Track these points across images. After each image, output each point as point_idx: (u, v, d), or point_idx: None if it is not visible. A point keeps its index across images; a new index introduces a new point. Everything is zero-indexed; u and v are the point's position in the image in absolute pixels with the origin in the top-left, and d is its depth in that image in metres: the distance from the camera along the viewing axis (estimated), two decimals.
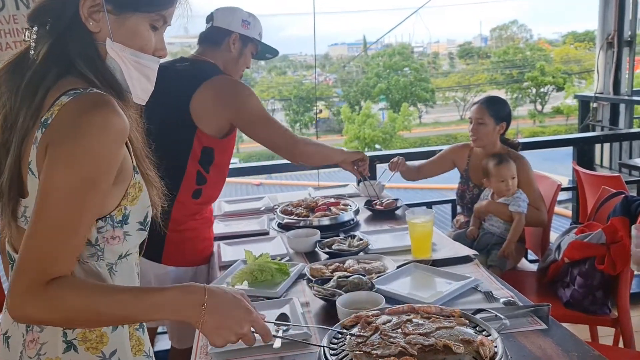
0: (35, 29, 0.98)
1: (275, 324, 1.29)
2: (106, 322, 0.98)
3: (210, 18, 2.12)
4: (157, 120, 2.02)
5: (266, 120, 2.04)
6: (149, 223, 1.09)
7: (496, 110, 2.58)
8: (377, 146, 28.03)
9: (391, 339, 1.12)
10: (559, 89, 33.72)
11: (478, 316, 1.28)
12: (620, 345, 2.13)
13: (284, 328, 1.37)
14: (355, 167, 2.37)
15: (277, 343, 1.29)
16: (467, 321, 1.22)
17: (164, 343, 2.65)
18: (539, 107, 35.37)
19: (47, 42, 0.96)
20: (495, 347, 1.11)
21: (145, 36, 1.01)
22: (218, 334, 0.98)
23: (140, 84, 1.03)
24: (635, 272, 2.72)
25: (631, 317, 2.11)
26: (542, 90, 34.47)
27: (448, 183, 5.00)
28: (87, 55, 0.97)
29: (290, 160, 2.17)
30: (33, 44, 0.98)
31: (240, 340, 1.02)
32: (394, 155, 3.25)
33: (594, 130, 4.99)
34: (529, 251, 2.82)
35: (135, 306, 0.92)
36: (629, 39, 4.80)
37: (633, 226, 1.94)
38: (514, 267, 2.59)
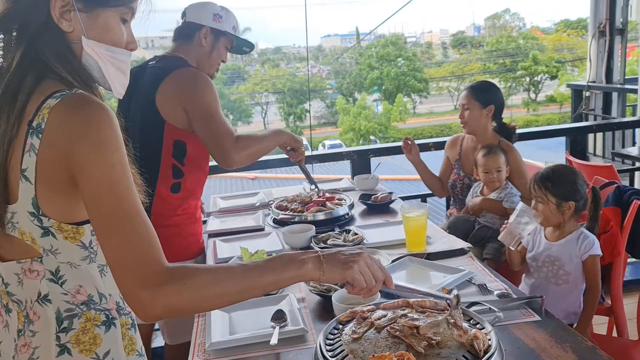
0: (1, 36, 0.98)
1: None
2: (233, 298, 1.00)
3: (184, 14, 2.10)
4: (132, 118, 2.03)
5: (210, 117, 1.93)
6: None
7: (481, 95, 2.58)
8: (371, 138, 28.04)
9: (397, 333, 1.14)
10: (553, 77, 33.79)
11: (472, 309, 1.29)
12: (614, 334, 2.15)
13: (281, 325, 1.38)
14: (289, 153, 2.31)
15: (274, 339, 1.31)
16: (462, 314, 1.24)
17: (161, 339, 2.65)
18: (532, 95, 35.43)
19: (18, 48, 0.96)
20: (489, 340, 1.12)
21: (117, 30, 1.02)
22: (344, 267, 1.04)
23: (118, 79, 1.05)
24: (629, 260, 2.76)
25: (624, 305, 2.13)
26: (535, 78, 34.52)
27: None
28: (63, 56, 0.98)
29: (222, 166, 2.02)
30: (0, 52, 0.98)
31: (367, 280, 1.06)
32: (391, 148, 3.24)
33: (587, 119, 5.01)
34: None
35: (260, 275, 0.99)
36: (621, 27, 4.79)
37: (520, 202, 2.01)
38: None
